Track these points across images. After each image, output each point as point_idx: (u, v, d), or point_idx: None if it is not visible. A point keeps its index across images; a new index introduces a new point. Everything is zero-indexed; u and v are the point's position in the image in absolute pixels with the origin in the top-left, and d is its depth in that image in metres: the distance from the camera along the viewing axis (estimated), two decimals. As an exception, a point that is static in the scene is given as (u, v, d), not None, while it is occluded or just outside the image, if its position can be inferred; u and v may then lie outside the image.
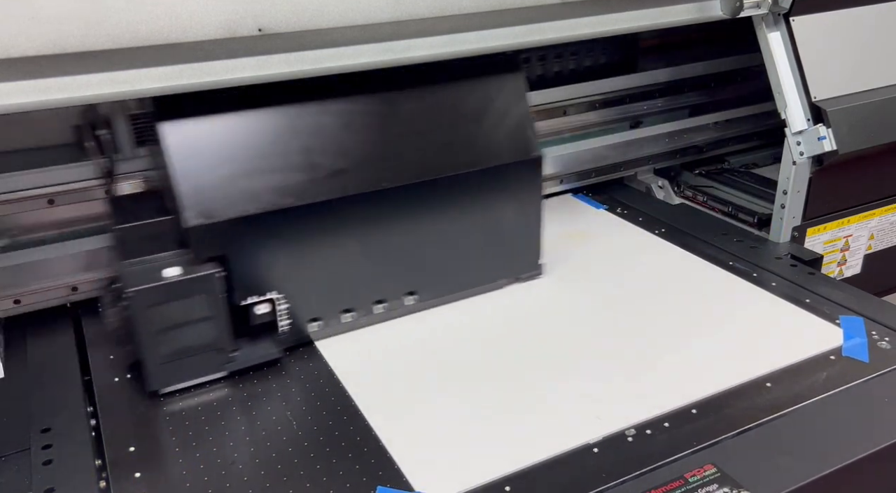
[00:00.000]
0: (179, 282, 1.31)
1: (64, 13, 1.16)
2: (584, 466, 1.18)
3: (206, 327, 1.36)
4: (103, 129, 1.58)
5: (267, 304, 1.44)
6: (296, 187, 1.41)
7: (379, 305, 1.56)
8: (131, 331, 1.32)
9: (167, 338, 1.33)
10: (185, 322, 1.33)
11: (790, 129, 1.80)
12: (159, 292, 1.30)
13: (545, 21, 1.55)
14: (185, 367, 1.37)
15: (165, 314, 1.31)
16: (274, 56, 1.33)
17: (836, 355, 1.43)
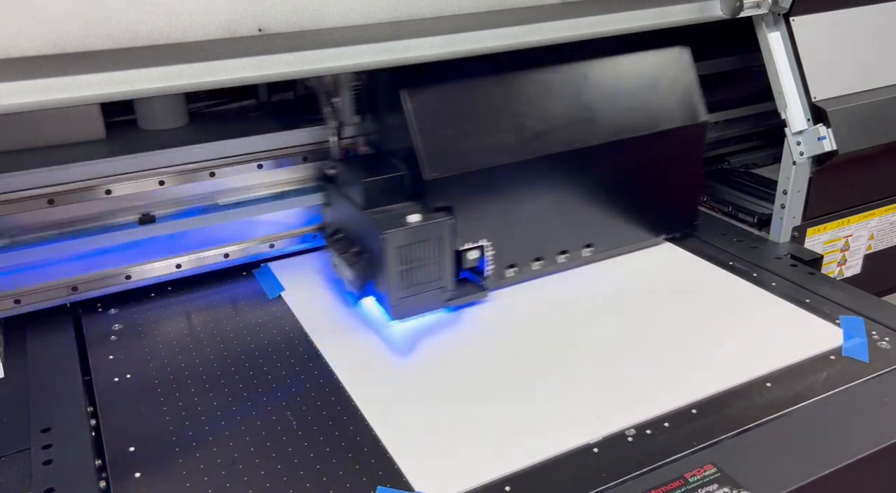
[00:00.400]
0: (422, 226, 1.50)
1: (64, 13, 1.16)
2: (584, 466, 1.18)
3: (435, 267, 1.55)
4: (337, 97, 1.74)
5: (477, 250, 1.63)
6: (508, 147, 1.61)
7: (562, 255, 1.75)
8: (371, 271, 1.57)
9: (407, 275, 1.52)
10: (421, 262, 1.53)
11: (790, 129, 1.80)
12: (406, 235, 1.49)
13: (545, 21, 1.55)
14: (416, 302, 1.56)
15: (408, 254, 1.51)
16: (274, 56, 1.33)
17: (836, 355, 1.43)
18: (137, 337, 1.55)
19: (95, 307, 1.65)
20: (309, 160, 1.79)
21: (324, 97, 1.74)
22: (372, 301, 1.63)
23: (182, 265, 1.71)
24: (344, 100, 1.74)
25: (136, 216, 1.66)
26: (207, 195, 1.72)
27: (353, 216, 1.63)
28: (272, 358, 1.48)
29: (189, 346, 1.52)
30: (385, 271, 1.50)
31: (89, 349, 1.51)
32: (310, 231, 1.87)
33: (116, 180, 1.61)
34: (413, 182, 1.58)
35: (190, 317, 1.63)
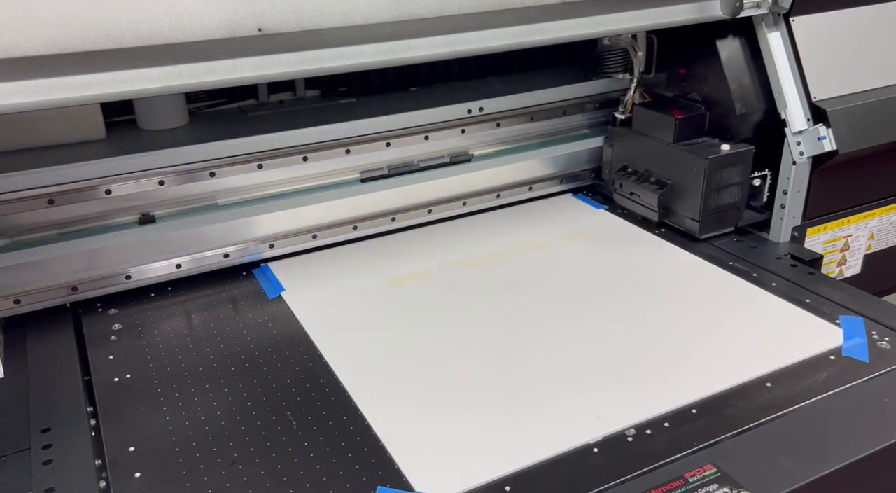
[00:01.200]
0: (733, 154, 1.81)
1: (64, 13, 1.16)
2: (584, 466, 1.18)
3: (737, 190, 1.85)
4: (640, 51, 2.03)
5: (760, 179, 1.89)
6: None
7: None
8: (675, 196, 1.89)
9: (718, 196, 1.82)
10: (728, 185, 1.82)
11: (790, 129, 1.80)
12: (723, 161, 1.79)
13: (545, 21, 1.55)
14: (717, 220, 1.87)
15: (721, 177, 1.81)
16: (274, 56, 1.33)
17: (836, 355, 1.43)
18: (137, 337, 1.55)
19: (95, 307, 1.65)
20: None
21: (632, 50, 2.04)
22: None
23: (182, 265, 1.71)
24: (643, 54, 2.04)
25: (136, 216, 1.66)
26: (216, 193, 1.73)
27: (659, 151, 1.92)
28: (272, 358, 1.48)
29: (189, 346, 1.52)
30: (699, 194, 1.80)
31: (89, 349, 1.51)
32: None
33: (116, 180, 1.61)
34: (713, 120, 1.91)
35: (190, 317, 1.63)
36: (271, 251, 1.81)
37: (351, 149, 1.84)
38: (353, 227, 1.88)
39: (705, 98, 1.93)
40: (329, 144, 1.81)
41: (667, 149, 1.89)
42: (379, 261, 1.83)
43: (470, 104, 1.96)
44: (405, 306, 1.64)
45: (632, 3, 1.64)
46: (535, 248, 1.86)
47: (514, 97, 2.03)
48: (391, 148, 1.89)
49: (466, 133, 1.99)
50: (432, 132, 1.93)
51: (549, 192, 2.14)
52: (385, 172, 1.90)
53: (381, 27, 1.40)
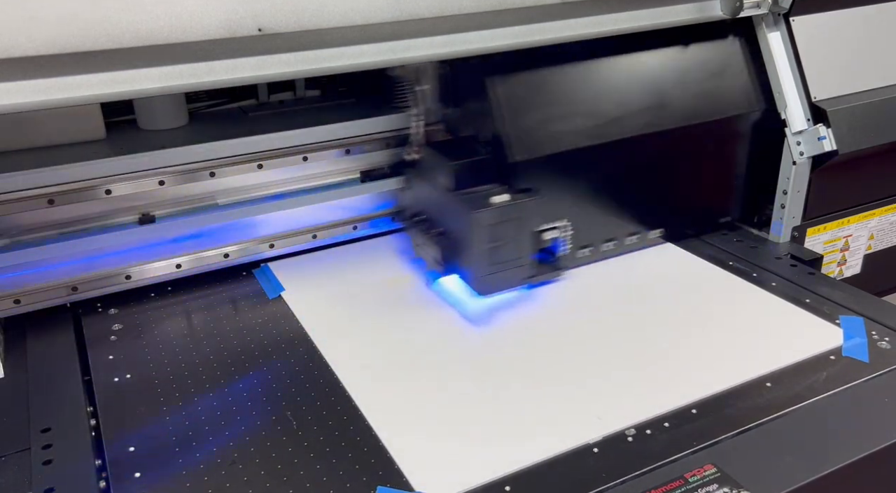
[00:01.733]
0: (509, 206, 1.55)
1: (64, 13, 1.16)
2: (584, 466, 1.18)
3: (517, 246, 1.60)
4: (421, 85, 1.80)
5: (555, 230, 1.70)
6: (586, 130, 1.68)
7: (633, 236, 1.83)
8: (456, 250, 1.62)
9: (492, 253, 1.57)
10: (504, 241, 1.57)
11: (790, 129, 1.80)
12: (493, 214, 1.54)
13: (545, 21, 1.55)
14: (499, 279, 1.61)
15: (493, 233, 1.55)
16: (274, 56, 1.33)
17: (836, 355, 1.43)
18: (137, 337, 1.55)
19: (95, 307, 1.65)
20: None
21: (410, 84, 1.81)
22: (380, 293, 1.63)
23: (182, 265, 1.71)
24: (429, 87, 1.81)
25: (136, 216, 1.66)
26: (212, 194, 1.73)
27: (439, 198, 1.68)
28: (272, 358, 1.48)
29: (189, 346, 1.52)
30: (473, 249, 1.56)
31: (89, 349, 1.51)
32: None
33: (116, 180, 1.61)
34: (497, 165, 1.65)
35: (190, 317, 1.63)
36: (271, 251, 1.81)
37: (350, 149, 1.84)
38: (353, 227, 1.88)
39: (491, 140, 1.66)
40: (329, 144, 1.81)
41: (445, 197, 1.64)
42: (379, 261, 1.82)
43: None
44: (405, 307, 1.64)
45: (632, 3, 1.64)
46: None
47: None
48: (390, 148, 1.89)
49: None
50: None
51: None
52: (385, 172, 1.89)
53: (381, 27, 1.40)
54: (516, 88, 1.65)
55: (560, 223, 1.70)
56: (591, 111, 1.69)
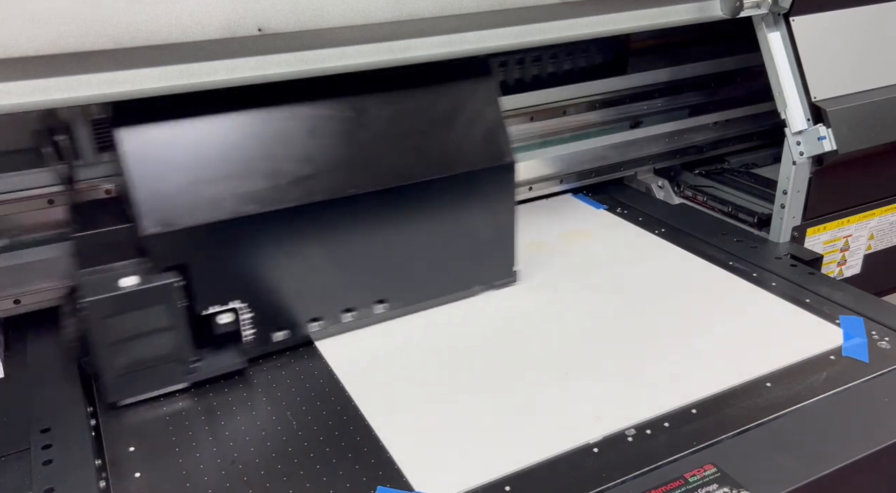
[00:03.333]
0: (136, 292, 1.28)
1: (64, 13, 1.16)
2: (583, 466, 1.18)
3: (165, 337, 1.33)
4: (62, 134, 1.51)
5: (230, 313, 1.41)
6: (259, 194, 1.37)
7: (348, 313, 1.54)
8: (88, 342, 1.30)
9: (125, 349, 1.30)
10: (143, 333, 1.31)
11: (790, 129, 1.80)
12: (115, 303, 1.27)
13: (545, 21, 1.55)
14: (144, 378, 1.35)
15: (122, 325, 1.29)
16: (274, 56, 1.33)
17: (836, 355, 1.43)
18: (137, 337, 1.54)
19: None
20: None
21: (45, 135, 1.52)
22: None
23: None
24: (77, 137, 1.54)
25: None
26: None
27: (74, 275, 1.38)
28: (272, 358, 1.48)
29: (189, 346, 1.51)
30: (93, 346, 1.29)
31: (89, 349, 1.51)
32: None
33: (116, 180, 1.61)
34: (136, 238, 1.32)
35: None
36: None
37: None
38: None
39: (131, 205, 1.32)
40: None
41: (77, 275, 1.34)
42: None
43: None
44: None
45: (632, 3, 1.64)
46: (535, 247, 1.86)
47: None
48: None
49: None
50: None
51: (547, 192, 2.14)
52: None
53: (381, 27, 1.40)
54: (159, 142, 1.33)
55: (235, 305, 1.42)
56: (266, 170, 1.39)
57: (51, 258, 1.55)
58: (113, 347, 1.29)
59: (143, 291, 1.28)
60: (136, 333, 1.30)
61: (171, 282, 1.30)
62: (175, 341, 1.34)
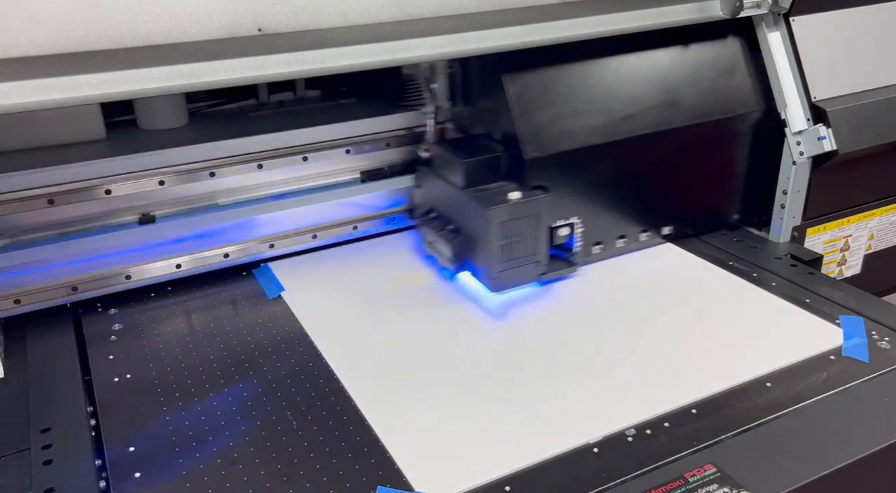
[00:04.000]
0: (522, 203, 1.58)
1: (64, 13, 1.16)
2: (584, 466, 1.18)
3: (532, 242, 1.63)
4: (435, 82, 1.85)
5: (567, 227, 1.72)
6: (599, 128, 1.70)
7: (644, 233, 1.85)
8: (469, 247, 1.66)
9: (506, 250, 1.60)
10: (519, 238, 1.61)
11: (790, 129, 1.80)
12: (509, 211, 1.57)
13: (545, 21, 1.55)
14: (514, 275, 1.64)
15: (508, 230, 1.58)
16: (274, 56, 1.33)
17: (836, 355, 1.43)
18: (137, 337, 1.55)
19: (95, 307, 1.65)
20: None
21: (424, 82, 1.85)
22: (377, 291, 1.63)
23: (182, 265, 1.71)
24: (440, 85, 1.85)
25: (136, 216, 1.66)
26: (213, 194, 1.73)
27: (452, 196, 1.70)
28: (272, 358, 1.48)
29: (189, 346, 1.52)
30: (486, 246, 1.58)
31: (89, 349, 1.51)
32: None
33: (116, 180, 1.61)
34: (510, 162, 1.68)
35: (190, 317, 1.63)
36: (271, 251, 1.81)
37: (350, 149, 1.84)
38: (353, 227, 1.88)
39: (503, 137, 1.71)
40: (329, 144, 1.81)
41: (458, 194, 1.67)
42: (379, 261, 1.82)
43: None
44: (405, 307, 1.64)
45: (632, 3, 1.64)
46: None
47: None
48: (391, 148, 1.89)
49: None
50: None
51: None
52: (385, 172, 1.90)
53: (381, 27, 1.40)
54: (531, 86, 1.66)
55: (573, 220, 1.72)
56: (603, 109, 1.70)
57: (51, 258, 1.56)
58: (500, 247, 1.59)
59: (526, 202, 1.59)
60: (514, 237, 1.60)
61: (545, 196, 1.62)
62: (537, 246, 1.64)
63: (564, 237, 1.72)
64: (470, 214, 1.63)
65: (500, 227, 1.56)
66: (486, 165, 1.67)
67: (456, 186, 1.68)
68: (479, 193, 1.62)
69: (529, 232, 1.61)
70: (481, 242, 1.60)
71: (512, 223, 1.57)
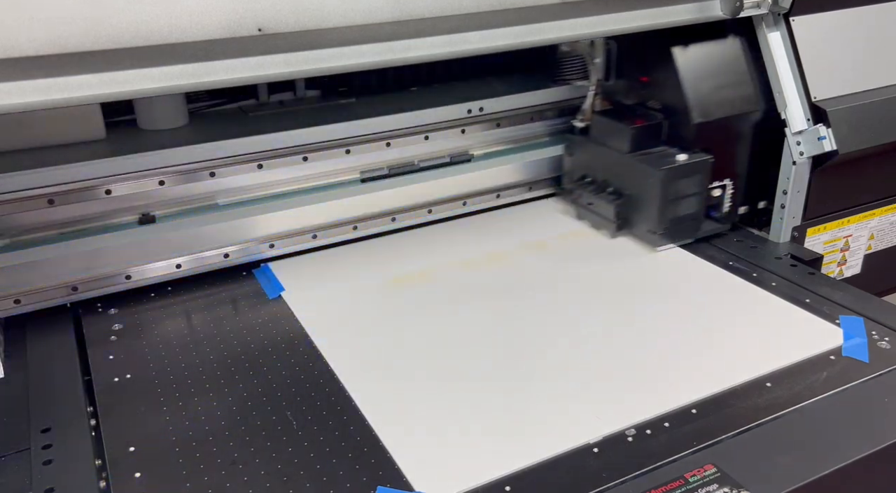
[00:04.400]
0: (688, 164, 1.77)
1: (64, 13, 1.16)
2: (584, 466, 1.18)
3: (694, 201, 1.81)
4: (597, 58, 2.00)
5: (720, 189, 1.87)
6: (748, 98, 1.84)
7: None
8: (632, 207, 1.85)
9: (673, 208, 1.79)
10: (685, 196, 1.79)
11: (790, 129, 1.80)
12: (678, 172, 1.76)
13: (545, 21, 1.55)
14: (677, 231, 1.83)
15: (675, 189, 1.77)
16: (274, 56, 1.33)
17: (836, 355, 1.43)
18: (137, 337, 1.55)
19: (95, 307, 1.65)
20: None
21: (589, 57, 2.03)
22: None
23: (182, 265, 1.71)
24: (600, 61, 2.01)
25: (136, 216, 1.66)
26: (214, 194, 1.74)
27: (616, 161, 1.87)
28: (272, 358, 1.48)
29: (189, 346, 1.52)
30: (653, 204, 1.78)
31: (89, 349, 1.51)
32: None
33: (116, 180, 1.61)
34: (672, 129, 1.85)
35: (190, 317, 1.63)
36: (271, 251, 1.81)
37: (351, 149, 1.84)
38: (353, 227, 1.88)
39: (663, 106, 1.88)
40: (329, 143, 1.81)
41: (623, 159, 1.85)
42: (379, 261, 1.83)
43: (470, 104, 1.96)
44: (405, 307, 1.64)
45: (632, 3, 1.64)
46: (534, 248, 1.86)
47: (514, 97, 2.03)
48: (391, 148, 1.89)
49: (467, 133, 1.99)
50: (432, 132, 1.94)
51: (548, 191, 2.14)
52: (385, 173, 1.90)
53: (381, 27, 1.40)
54: (697, 57, 1.83)
55: (725, 182, 1.86)
56: (752, 81, 1.85)
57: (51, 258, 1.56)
58: (669, 205, 1.78)
59: (691, 163, 1.77)
60: (681, 195, 1.79)
61: (708, 158, 1.79)
62: (698, 205, 1.82)
63: (716, 198, 1.87)
64: (638, 177, 1.81)
65: (669, 186, 1.74)
66: (650, 132, 1.84)
67: (621, 151, 1.85)
68: (646, 156, 1.81)
69: (692, 192, 1.79)
70: (649, 201, 1.79)
71: (679, 183, 1.76)
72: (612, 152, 1.88)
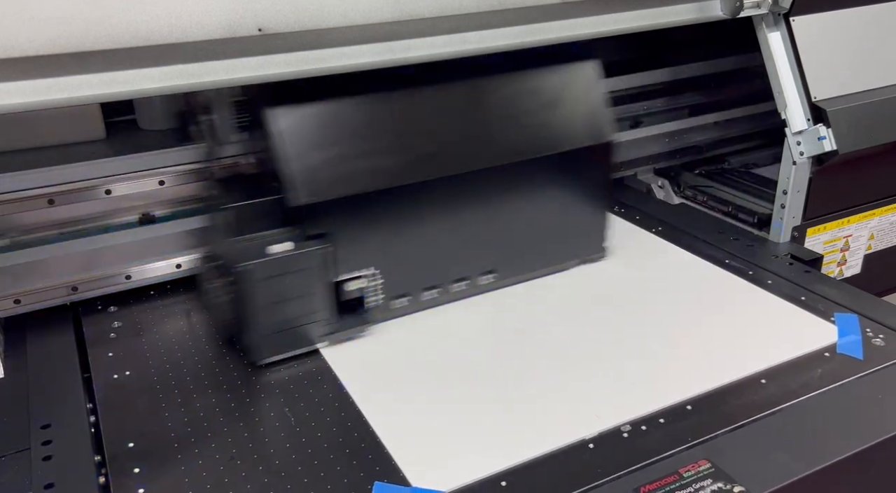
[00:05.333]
0: (290, 257, 1.39)
1: (64, 13, 1.16)
2: (579, 461, 1.19)
3: (310, 300, 1.44)
4: (207, 115, 1.63)
5: (359, 280, 1.51)
6: (390, 169, 1.49)
7: (460, 283, 1.64)
8: (235, 306, 1.42)
9: (273, 311, 1.41)
10: (292, 296, 1.41)
11: (790, 129, 1.81)
12: (268, 267, 1.37)
13: (545, 21, 1.55)
14: (283, 340, 1.45)
15: (274, 288, 1.39)
16: (274, 56, 1.33)
17: (830, 352, 1.43)
18: (137, 335, 1.56)
19: (95, 307, 1.66)
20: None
21: (190, 116, 1.67)
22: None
23: (182, 265, 1.71)
24: (220, 116, 1.62)
25: (136, 216, 1.67)
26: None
27: (223, 244, 1.48)
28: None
29: (188, 344, 1.53)
30: (243, 309, 1.40)
31: (89, 347, 1.52)
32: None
33: (116, 180, 1.62)
34: (282, 208, 1.44)
35: (190, 316, 1.63)
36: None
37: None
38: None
39: (276, 178, 1.44)
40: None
41: (226, 243, 1.45)
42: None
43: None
44: (404, 305, 1.64)
45: (632, 3, 1.64)
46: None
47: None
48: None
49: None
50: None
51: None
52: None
53: (381, 27, 1.40)
54: (305, 121, 1.43)
55: (366, 272, 1.52)
56: (399, 147, 1.50)
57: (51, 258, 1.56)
58: (262, 309, 1.40)
59: (294, 256, 1.40)
60: (285, 296, 1.41)
61: (321, 248, 1.42)
62: (317, 304, 1.45)
63: (356, 291, 1.51)
64: (231, 269, 1.40)
65: (259, 286, 1.38)
66: (259, 211, 1.46)
67: (226, 233, 1.46)
68: (243, 243, 1.42)
69: (302, 291, 1.42)
70: (239, 302, 1.40)
71: (274, 282, 1.39)
72: (223, 232, 1.48)
